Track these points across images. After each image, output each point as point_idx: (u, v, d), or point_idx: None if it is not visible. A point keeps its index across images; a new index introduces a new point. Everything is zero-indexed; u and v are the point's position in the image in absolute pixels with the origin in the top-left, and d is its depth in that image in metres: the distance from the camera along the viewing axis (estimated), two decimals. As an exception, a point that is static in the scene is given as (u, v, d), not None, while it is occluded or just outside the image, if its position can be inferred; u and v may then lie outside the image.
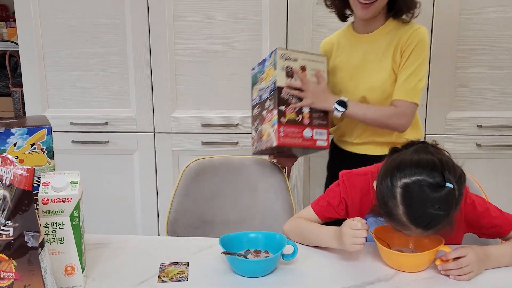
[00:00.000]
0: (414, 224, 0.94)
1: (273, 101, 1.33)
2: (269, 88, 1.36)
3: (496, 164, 1.97)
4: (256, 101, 1.45)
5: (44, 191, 0.89)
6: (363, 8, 1.34)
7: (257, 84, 1.45)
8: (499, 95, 1.94)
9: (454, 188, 0.93)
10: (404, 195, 0.94)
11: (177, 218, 1.45)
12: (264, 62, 1.42)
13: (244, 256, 1.00)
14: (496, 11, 1.88)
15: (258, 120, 1.43)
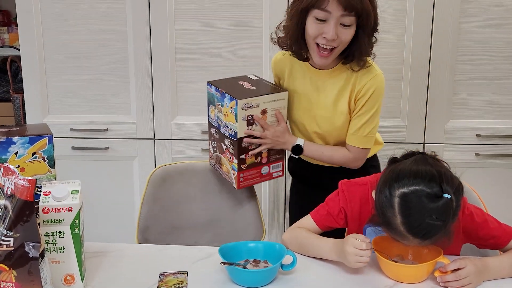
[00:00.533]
0: (411, 234, 0.95)
1: (233, 147, 1.35)
2: (228, 131, 1.35)
3: (495, 173, 1.97)
4: (213, 123, 1.44)
5: (45, 200, 0.89)
6: (321, 57, 1.27)
7: (213, 106, 1.42)
8: (498, 104, 1.95)
9: (451, 199, 0.94)
10: (402, 205, 0.95)
11: (147, 226, 1.48)
12: (223, 97, 1.35)
13: (243, 266, 1.00)
14: (494, 20, 1.89)
15: (216, 143, 1.44)
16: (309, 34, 1.25)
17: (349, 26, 1.23)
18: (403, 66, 1.94)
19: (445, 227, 0.94)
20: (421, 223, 0.93)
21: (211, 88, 1.41)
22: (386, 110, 1.97)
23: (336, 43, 1.24)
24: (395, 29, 1.92)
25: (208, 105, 1.45)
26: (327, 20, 1.21)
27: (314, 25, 1.23)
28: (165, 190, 1.51)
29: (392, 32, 1.92)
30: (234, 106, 1.30)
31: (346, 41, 1.25)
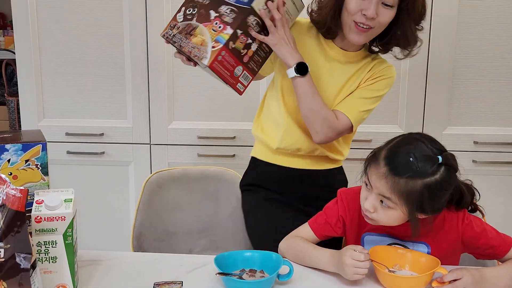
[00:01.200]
0: (385, 160, 0.99)
1: (234, 15, 1.15)
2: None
3: (493, 180, 1.97)
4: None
5: (38, 209, 0.87)
6: (359, 32, 1.21)
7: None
8: (496, 111, 1.95)
9: (441, 163, 0.97)
10: (392, 144, 1.03)
11: (142, 232, 1.46)
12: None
13: (239, 276, 0.99)
14: (492, 27, 1.89)
15: (197, 9, 1.21)
16: (349, 10, 1.20)
17: (390, 7, 1.19)
18: (401, 73, 1.94)
19: (417, 183, 0.96)
20: (400, 156, 0.98)
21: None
22: (383, 117, 1.97)
23: (373, 23, 1.19)
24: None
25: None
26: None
27: (354, 1, 1.18)
28: (161, 196, 1.49)
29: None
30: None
31: (384, 23, 1.21)
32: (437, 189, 0.98)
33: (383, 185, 0.99)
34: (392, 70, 1.34)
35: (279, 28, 1.19)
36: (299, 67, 1.21)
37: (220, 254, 1.03)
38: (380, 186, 1.00)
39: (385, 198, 1.00)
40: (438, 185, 0.97)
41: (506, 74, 1.92)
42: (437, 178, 0.97)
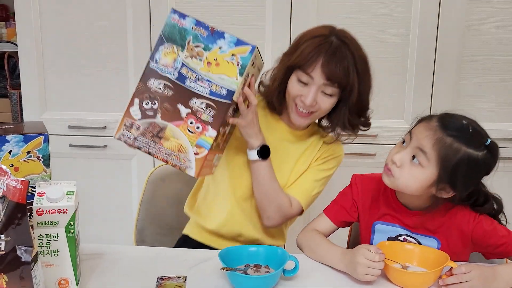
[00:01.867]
0: (439, 117, 1.01)
1: (214, 112, 0.99)
2: (212, 87, 1.00)
3: (502, 177, 1.93)
4: (165, 72, 1.00)
5: (39, 202, 0.86)
6: (300, 116, 1.18)
7: (174, 46, 1.01)
8: (504, 106, 1.92)
9: (487, 145, 0.99)
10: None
11: (144, 226, 1.45)
12: (216, 37, 1.00)
13: (244, 272, 0.97)
14: (500, 21, 1.86)
15: (159, 103, 1.00)
16: (289, 93, 1.18)
17: (330, 96, 1.16)
18: (408, 67, 1.91)
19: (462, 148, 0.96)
20: (457, 119, 1.01)
21: (182, 19, 1.01)
22: (389, 111, 1.94)
23: (314, 108, 1.17)
24: (400, 29, 1.90)
25: (158, 44, 1.01)
26: (309, 85, 1.14)
27: (295, 86, 1.16)
28: (164, 190, 1.48)
29: (397, 32, 1.90)
30: (245, 53, 0.98)
31: (325, 110, 1.18)
32: (475, 165, 0.97)
33: (428, 136, 0.98)
34: (341, 148, 1.30)
35: (252, 110, 1.11)
36: (262, 150, 1.16)
37: (225, 249, 1.01)
38: (423, 138, 0.98)
39: (421, 152, 0.98)
40: (477, 162, 0.97)
41: (515, 69, 1.89)
42: (479, 155, 0.97)
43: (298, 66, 1.14)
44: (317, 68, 1.12)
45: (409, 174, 1.00)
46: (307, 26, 1.91)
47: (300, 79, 1.15)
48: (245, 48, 0.98)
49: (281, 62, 1.21)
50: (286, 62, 1.18)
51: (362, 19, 1.89)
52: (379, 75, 1.92)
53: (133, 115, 1.01)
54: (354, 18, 1.89)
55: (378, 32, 1.90)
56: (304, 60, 1.13)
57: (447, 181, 0.98)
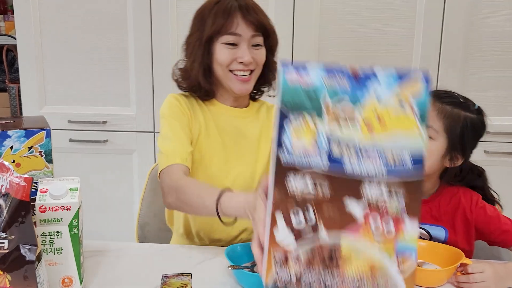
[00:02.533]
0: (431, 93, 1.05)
1: (407, 195, 0.64)
2: (390, 159, 0.63)
3: (506, 171, 1.93)
4: (309, 162, 0.62)
5: (42, 199, 0.84)
6: (243, 81, 1.14)
7: (317, 118, 0.62)
8: (508, 101, 1.91)
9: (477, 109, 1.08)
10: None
11: (147, 222, 1.42)
12: (363, 82, 0.63)
13: (251, 269, 0.95)
14: (506, 14, 1.84)
15: (317, 212, 0.63)
16: (222, 63, 1.13)
17: (260, 46, 1.15)
18: (412, 60, 1.89)
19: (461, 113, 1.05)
20: (447, 92, 1.10)
21: (303, 73, 0.62)
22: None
23: (253, 65, 1.14)
24: (405, 22, 1.87)
25: (280, 122, 0.62)
26: (239, 44, 1.12)
27: (225, 51, 1.12)
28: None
29: (402, 26, 1.87)
30: (419, 90, 0.62)
31: (261, 62, 1.16)
32: (476, 127, 1.07)
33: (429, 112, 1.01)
34: None
35: None
36: None
37: (231, 246, 1.00)
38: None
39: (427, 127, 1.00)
40: (477, 124, 1.07)
41: (520, 62, 1.87)
42: (475, 118, 1.06)
43: (218, 32, 1.11)
44: (241, 23, 1.11)
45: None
46: (311, 18, 1.88)
47: (227, 42, 1.12)
48: (415, 82, 0.63)
49: (192, 43, 1.16)
50: (201, 36, 1.13)
51: (366, 13, 1.87)
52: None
53: (283, 242, 0.62)
54: (358, 12, 1.87)
55: (382, 27, 1.88)
56: (223, 22, 1.10)
57: (457, 146, 1.05)
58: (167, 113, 1.17)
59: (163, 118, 1.18)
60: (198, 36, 1.14)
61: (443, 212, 1.11)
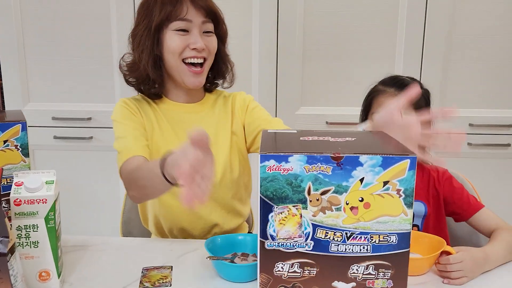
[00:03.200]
0: (385, 84, 1.19)
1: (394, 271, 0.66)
2: (375, 240, 0.65)
3: (488, 163, 1.95)
4: (295, 247, 0.65)
5: (17, 192, 0.83)
6: (195, 74, 1.10)
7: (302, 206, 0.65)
8: (491, 93, 1.93)
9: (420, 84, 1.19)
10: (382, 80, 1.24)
11: (131, 218, 1.41)
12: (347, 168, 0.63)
13: (231, 260, 0.95)
14: (488, 9, 1.86)
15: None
16: (173, 50, 1.08)
17: (212, 33, 1.13)
18: (396, 54, 1.90)
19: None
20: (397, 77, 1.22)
21: (282, 162, 0.63)
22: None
23: (205, 53, 1.11)
24: (387, 15, 1.88)
25: (263, 213, 0.64)
26: (190, 30, 1.09)
27: (176, 38, 1.08)
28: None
29: (385, 19, 1.88)
30: (403, 172, 0.63)
31: (213, 50, 1.13)
32: (428, 98, 1.21)
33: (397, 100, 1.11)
34: (243, 93, 1.26)
35: None
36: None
37: (211, 238, 0.99)
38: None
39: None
40: (428, 95, 1.22)
41: (502, 56, 1.89)
42: (425, 90, 1.20)
43: (167, 18, 1.07)
44: (191, 9, 1.07)
45: None
46: (295, 10, 1.88)
47: (178, 28, 1.08)
48: (401, 166, 0.62)
49: (138, 33, 1.10)
50: (149, 24, 1.08)
51: (349, 7, 1.87)
52: (367, 63, 1.91)
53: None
54: (341, 6, 1.87)
55: (366, 21, 1.88)
56: (172, 9, 1.06)
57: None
58: (118, 116, 1.13)
59: (115, 121, 1.14)
60: (146, 25, 1.09)
61: (419, 187, 1.16)
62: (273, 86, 1.93)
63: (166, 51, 1.10)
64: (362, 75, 1.43)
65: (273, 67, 1.91)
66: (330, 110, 1.94)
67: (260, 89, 1.93)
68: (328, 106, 1.94)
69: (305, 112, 1.95)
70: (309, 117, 1.95)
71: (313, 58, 1.91)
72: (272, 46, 1.90)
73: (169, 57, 1.10)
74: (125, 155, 1.06)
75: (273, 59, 1.91)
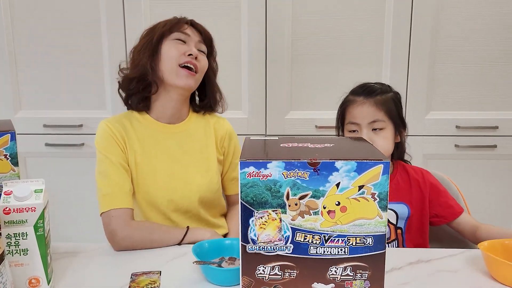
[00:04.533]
0: (356, 93, 1.23)
1: (371, 272, 0.69)
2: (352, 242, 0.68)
3: (475, 165, 1.98)
4: (275, 250, 0.68)
5: (6, 201, 0.84)
6: (188, 75, 1.20)
7: (281, 211, 0.67)
8: (478, 95, 1.96)
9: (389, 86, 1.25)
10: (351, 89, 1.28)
11: None
12: (324, 173, 0.65)
13: (218, 265, 0.97)
14: (474, 12, 1.89)
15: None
16: (171, 56, 1.19)
17: (204, 54, 1.26)
18: (383, 58, 1.93)
19: (388, 95, 1.22)
20: (366, 85, 1.24)
21: (262, 169, 0.65)
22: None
23: (198, 67, 1.21)
24: (374, 20, 1.91)
25: (244, 218, 0.67)
26: (187, 42, 1.22)
27: (175, 46, 1.21)
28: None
29: (372, 24, 1.91)
30: (377, 177, 0.65)
31: (204, 68, 1.25)
32: (398, 98, 1.24)
33: (368, 109, 1.17)
34: (228, 123, 1.36)
35: None
36: None
37: (199, 243, 1.01)
38: (367, 114, 1.17)
39: (375, 122, 1.17)
40: (398, 97, 1.25)
41: (488, 59, 1.92)
42: (393, 92, 1.24)
43: (169, 30, 1.21)
44: (190, 28, 1.24)
45: (381, 139, 1.16)
46: (283, 16, 1.90)
47: (178, 38, 1.21)
48: (375, 170, 0.64)
49: (142, 48, 1.22)
50: (152, 37, 1.21)
51: (337, 13, 1.90)
52: (355, 68, 1.94)
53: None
54: (329, 12, 1.90)
55: (353, 26, 1.91)
56: (174, 22, 1.22)
57: (399, 122, 1.21)
58: (101, 147, 1.19)
59: (98, 152, 1.20)
60: (148, 40, 1.22)
61: (401, 189, 1.19)
62: (262, 91, 1.95)
63: (164, 57, 1.20)
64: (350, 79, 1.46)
65: (262, 72, 1.94)
66: (319, 114, 1.96)
67: (249, 94, 1.96)
68: (317, 110, 1.97)
69: (294, 116, 1.98)
70: (299, 121, 1.97)
71: (302, 63, 1.94)
72: (260, 52, 1.92)
73: (165, 63, 1.20)
74: (112, 203, 1.14)
75: (262, 64, 1.93)
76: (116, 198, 1.14)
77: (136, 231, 1.11)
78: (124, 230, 1.10)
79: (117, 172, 1.17)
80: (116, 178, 1.16)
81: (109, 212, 1.13)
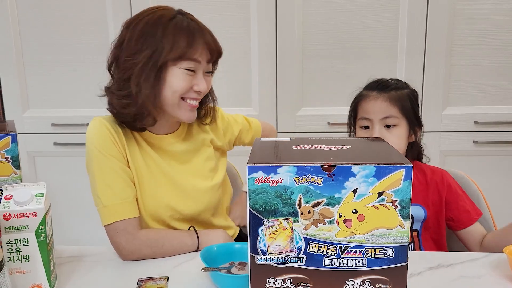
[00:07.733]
0: (370, 88, 1.17)
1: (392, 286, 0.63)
2: (371, 253, 0.62)
3: (493, 161, 1.91)
4: (286, 262, 0.62)
5: (6, 206, 0.81)
6: (192, 108, 1.06)
7: (292, 219, 0.61)
8: (496, 90, 1.89)
9: (405, 83, 1.20)
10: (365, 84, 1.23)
11: None
12: (339, 179, 0.59)
13: (227, 270, 0.93)
14: (491, 4, 1.82)
15: None
16: (177, 89, 1.02)
17: (211, 73, 1.10)
18: (398, 51, 1.87)
19: (403, 92, 1.16)
20: (380, 81, 1.18)
21: (272, 174, 0.60)
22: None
23: (203, 94, 1.08)
24: (389, 13, 1.85)
25: (252, 227, 0.62)
26: (196, 71, 1.04)
27: (183, 78, 1.02)
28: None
29: (387, 16, 1.85)
30: (399, 182, 0.59)
31: (207, 90, 1.10)
32: (415, 97, 1.18)
33: (382, 104, 1.13)
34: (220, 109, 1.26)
35: None
36: None
37: (207, 248, 0.97)
38: (380, 109, 1.12)
39: (388, 118, 1.12)
40: (414, 93, 1.18)
41: (506, 52, 1.85)
42: (410, 90, 1.18)
43: (180, 57, 1.00)
44: (202, 49, 1.03)
45: (393, 136, 1.12)
46: (294, 9, 1.85)
47: (188, 68, 1.02)
48: (396, 175, 0.58)
49: (138, 65, 1.00)
50: (153, 59, 0.99)
51: (349, 5, 1.84)
52: (369, 62, 1.88)
53: None
54: (341, 4, 1.84)
55: (366, 19, 1.85)
56: (186, 46, 1.00)
57: (414, 120, 1.15)
58: (100, 147, 1.05)
59: (99, 152, 1.05)
60: (149, 57, 1.00)
61: (417, 191, 1.13)
62: (273, 88, 1.90)
63: (168, 87, 1.02)
64: (364, 74, 1.41)
65: (272, 68, 1.89)
66: (331, 110, 1.91)
67: (260, 91, 1.91)
68: (330, 106, 1.91)
69: (306, 113, 1.93)
70: (310, 118, 1.92)
71: (313, 58, 1.88)
72: (271, 47, 1.87)
73: (168, 93, 1.03)
74: (118, 214, 1.04)
75: (273, 60, 1.88)
76: (120, 209, 1.03)
77: (145, 246, 1.03)
78: (131, 244, 1.02)
79: (120, 179, 1.05)
80: (119, 186, 1.04)
81: (114, 225, 1.03)
